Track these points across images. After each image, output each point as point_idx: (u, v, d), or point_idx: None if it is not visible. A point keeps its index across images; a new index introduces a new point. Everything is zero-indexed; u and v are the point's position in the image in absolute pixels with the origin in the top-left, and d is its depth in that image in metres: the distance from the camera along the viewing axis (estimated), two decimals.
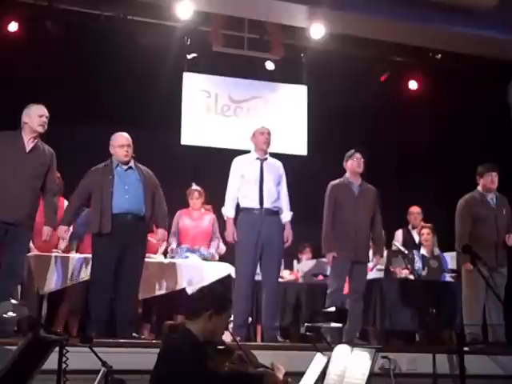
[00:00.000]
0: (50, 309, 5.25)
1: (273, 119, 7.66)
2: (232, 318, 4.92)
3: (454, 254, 6.21)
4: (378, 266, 6.07)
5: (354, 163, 5.50)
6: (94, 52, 7.20)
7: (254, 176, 5.20)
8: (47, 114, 4.81)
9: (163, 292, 5.37)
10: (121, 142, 4.97)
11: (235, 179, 5.27)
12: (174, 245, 5.97)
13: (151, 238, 5.41)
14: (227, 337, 3.88)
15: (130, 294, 4.83)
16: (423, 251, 6.38)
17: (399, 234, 6.82)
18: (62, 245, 5.50)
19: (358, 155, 5.51)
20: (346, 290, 5.51)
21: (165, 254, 5.95)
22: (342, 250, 5.29)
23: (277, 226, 5.18)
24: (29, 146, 4.70)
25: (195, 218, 6.13)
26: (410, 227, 6.93)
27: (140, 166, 5.07)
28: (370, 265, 5.60)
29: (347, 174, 5.55)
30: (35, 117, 4.74)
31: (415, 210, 6.98)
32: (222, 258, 6.18)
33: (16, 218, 4.55)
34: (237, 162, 5.33)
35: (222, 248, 6.23)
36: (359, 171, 5.51)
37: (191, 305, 3.08)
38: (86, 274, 5.11)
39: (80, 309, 5.39)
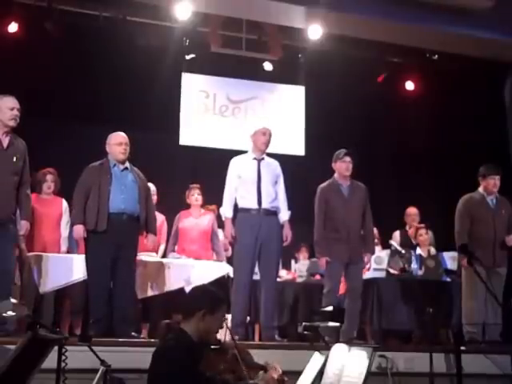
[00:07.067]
0: (55, 308, 5.27)
1: (271, 119, 7.64)
2: (230, 318, 4.95)
3: (452, 253, 6.24)
4: (376, 266, 6.10)
5: (342, 166, 5.44)
6: (93, 52, 7.22)
7: (251, 176, 5.21)
8: (18, 106, 4.59)
9: (162, 291, 5.39)
10: (118, 140, 4.99)
11: (232, 180, 5.27)
12: (173, 247, 6.00)
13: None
14: (227, 335, 3.91)
15: (126, 292, 4.85)
16: (420, 251, 6.40)
17: (397, 235, 6.83)
18: (64, 246, 5.52)
19: (347, 158, 5.44)
20: (342, 290, 5.54)
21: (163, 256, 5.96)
22: (335, 253, 5.29)
23: (275, 225, 5.20)
24: (4, 142, 4.57)
25: (195, 217, 6.13)
26: (407, 228, 6.92)
27: (134, 168, 5.09)
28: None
29: (336, 176, 5.51)
30: (5, 110, 4.54)
31: (413, 211, 6.96)
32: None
33: (2, 216, 4.49)
34: (234, 163, 5.34)
35: (229, 251, 6.25)
36: (347, 174, 5.45)
37: (185, 305, 3.09)
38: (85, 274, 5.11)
39: (82, 308, 5.40)
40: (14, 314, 2.89)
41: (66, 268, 5.19)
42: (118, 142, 4.98)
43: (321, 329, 3.91)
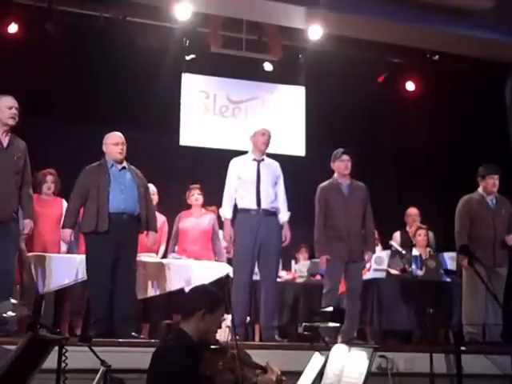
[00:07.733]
0: (55, 309, 5.27)
1: (271, 120, 7.67)
2: (230, 318, 4.95)
3: (452, 254, 6.24)
4: (376, 266, 6.09)
5: (341, 165, 5.45)
6: (93, 53, 7.22)
7: (250, 177, 5.22)
8: (17, 105, 4.64)
9: (162, 292, 5.39)
10: (115, 139, 4.99)
11: (232, 180, 5.29)
12: (173, 247, 6.00)
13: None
14: (227, 335, 3.91)
15: (126, 292, 4.85)
16: (420, 252, 6.39)
17: (397, 235, 6.83)
18: (64, 246, 5.52)
19: (345, 157, 5.45)
20: (342, 289, 5.53)
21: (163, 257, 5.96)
22: (335, 252, 5.29)
23: (274, 226, 5.20)
24: (4, 141, 4.59)
25: (195, 217, 6.13)
26: (407, 228, 6.92)
27: (132, 167, 5.09)
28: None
29: (335, 175, 5.51)
30: (4, 108, 4.59)
31: (413, 211, 6.96)
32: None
33: (3, 215, 4.51)
34: (234, 164, 5.35)
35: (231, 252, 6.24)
36: (346, 173, 5.46)
37: (184, 305, 3.10)
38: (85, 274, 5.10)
39: (82, 309, 5.41)
40: (14, 314, 2.89)
41: (66, 268, 5.18)
42: (114, 142, 4.98)
43: (321, 329, 3.92)
